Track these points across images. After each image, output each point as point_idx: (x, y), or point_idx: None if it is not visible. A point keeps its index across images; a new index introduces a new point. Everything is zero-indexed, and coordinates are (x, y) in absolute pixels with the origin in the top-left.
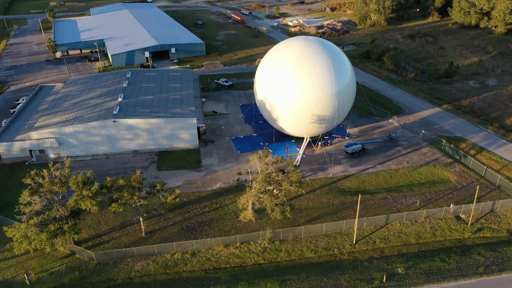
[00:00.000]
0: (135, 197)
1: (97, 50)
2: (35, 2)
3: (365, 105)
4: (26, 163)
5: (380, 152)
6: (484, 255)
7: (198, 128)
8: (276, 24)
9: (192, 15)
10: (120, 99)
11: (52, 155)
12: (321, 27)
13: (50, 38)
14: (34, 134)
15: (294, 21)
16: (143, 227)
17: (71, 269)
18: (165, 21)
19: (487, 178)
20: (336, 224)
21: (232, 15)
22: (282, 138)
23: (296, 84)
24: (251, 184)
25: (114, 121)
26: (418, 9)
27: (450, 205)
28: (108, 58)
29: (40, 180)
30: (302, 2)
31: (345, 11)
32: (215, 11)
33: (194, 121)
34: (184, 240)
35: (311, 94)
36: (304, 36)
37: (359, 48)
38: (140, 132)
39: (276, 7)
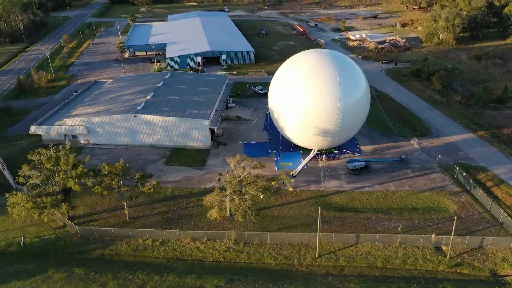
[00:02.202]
0: (113, 183)
1: (158, 53)
2: (127, 8)
3: (391, 124)
4: (60, 146)
5: (385, 172)
6: None
7: (213, 130)
8: (338, 37)
9: (259, 25)
10: (148, 97)
11: (82, 141)
12: (382, 42)
13: (121, 40)
14: (69, 121)
15: (357, 35)
16: (126, 212)
17: (59, 239)
18: (228, 29)
19: (492, 212)
20: (303, 235)
21: (296, 26)
22: (291, 148)
23: (301, 95)
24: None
25: (134, 116)
26: (498, 29)
27: (432, 234)
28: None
29: (40, 158)
30: (375, 17)
31: (416, 28)
32: (283, 22)
33: (206, 122)
34: (159, 229)
35: (314, 106)
36: (320, 49)
37: (413, 66)
38: (157, 128)
39: (342, 20)
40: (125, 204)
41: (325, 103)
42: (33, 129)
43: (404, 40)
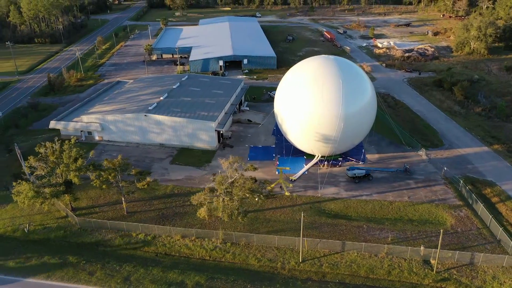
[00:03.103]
0: (110, 177)
1: (183, 56)
2: (163, 12)
3: (400, 133)
4: (77, 141)
5: (386, 182)
6: None
7: (220, 132)
8: (365, 44)
9: (288, 31)
10: (161, 98)
11: (97, 137)
12: (410, 51)
13: (149, 43)
14: (85, 118)
15: (384, 43)
16: (124, 206)
17: (59, 228)
18: (254, 34)
19: (491, 229)
20: (290, 239)
21: (324, 32)
22: (296, 153)
23: (303, 100)
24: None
25: (145, 115)
26: None
27: (421, 247)
28: None
29: (45, 151)
30: (408, 25)
31: (449, 36)
32: (313, 28)
33: (212, 124)
34: (152, 225)
35: (316, 112)
36: (326, 56)
37: (437, 76)
38: (166, 128)
39: (371, 27)
40: (123, 199)
41: (326, 109)
42: (52, 124)
43: (433, 49)
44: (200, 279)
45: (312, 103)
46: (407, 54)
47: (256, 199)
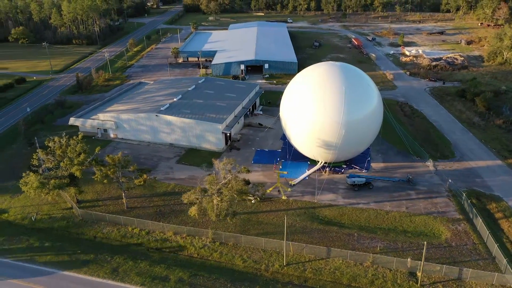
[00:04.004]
0: (109, 172)
1: (208, 59)
2: (198, 16)
3: (410, 143)
4: (93, 138)
5: (387, 191)
6: None
7: (229, 134)
8: (392, 52)
9: (317, 37)
10: (175, 99)
11: (112, 135)
12: (438, 59)
13: (176, 46)
14: (101, 116)
15: (412, 51)
16: (124, 201)
17: (63, 218)
18: (280, 39)
19: (488, 245)
20: (277, 242)
21: (352, 39)
22: (300, 158)
23: (305, 106)
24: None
25: (156, 115)
26: None
27: (408, 259)
28: None
29: (53, 145)
30: (441, 33)
31: (483, 46)
32: (342, 34)
33: (219, 126)
34: (147, 220)
35: (317, 118)
36: (333, 62)
37: (462, 86)
38: (175, 128)
39: (401, 35)
40: (123, 194)
41: (328, 116)
42: (72, 120)
43: (462, 58)
44: (183, 275)
45: (314, 109)
46: (434, 63)
47: (253, 201)
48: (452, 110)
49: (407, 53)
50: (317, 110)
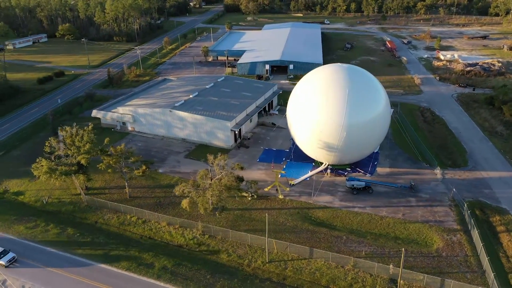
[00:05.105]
0: (111, 162)
1: (236, 58)
2: (237, 16)
3: (423, 149)
4: (112, 130)
5: (387, 197)
6: None
7: (239, 132)
8: (426, 56)
9: (351, 38)
10: (191, 96)
11: (129, 128)
12: (473, 65)
13: (205, 45)
14: (120, 109)
15: (447, 55)
16: (127, 191)
17: (71, 203)
18: (311, 41)
19: (480, 258)
20: (264, 239)
21: (386, 42)
22: (306, 159)
23: (308, 106)
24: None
25: (170, 111)
26: None
27: (390, 265)
28: None
29: (65, 133)
30: (484, 37)
31: None
32: (378, 37)
33: (228, 124)
34: (146, 210)
35: (319, 119)
36: (341, 64)
37: (492, 93)
38: (187, 124)
39: (438, 38)
40: (126, 184)
41: (329, 117)
42: (94, 113)
43: (500, 64)
44: (168, 263)
45: (316, 109)
46: (468, 68)
47: (249, 198)
48: (476, 118)
49: (442, 57)
50: (319, 110)
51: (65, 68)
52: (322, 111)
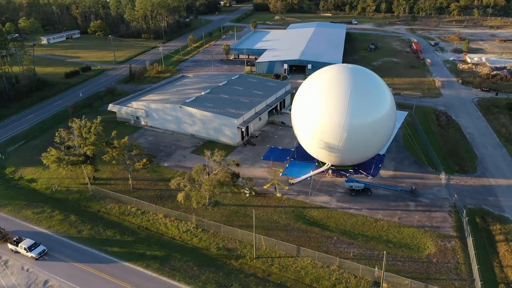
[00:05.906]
0: (114, 154)
1: (254, 57)
2: (265, 15)
3: (431, 154)
4: (126, 124)
5: (385, 200)
6: None
7: (243, 129)
8: (452, 58)
9: (377, 39)
10: (203, 93)
11: (142, 122)
12: (500, 69)
13: (226, 44)
14: (134, 104)
15: (474, 58)
16: (130, 182)
17: (78, 192)
18: (333, 41)
19: (472, 266)
20: (252, 235)
21: (413, 43)
22: (310, 159)
23: (310, 106)
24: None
25: (180, 107)
26: None
27: (375, 268)
28: None
29: (74, 125)
30: None
31: None
32: (405, 38)
33: (235, 121)
34: (145, 202)
35: (320, 119)
36: (346, 64)
37: None
38: (196, 120)
39: (466, 40)
40: (129, 176)
41: (330, 117)
42: (110, 107)
43: None
44: (159, 253)
45: (317, 109)
46: (494, 72)
47: (247, 194)
48: (494, 123)
49: (468, 60)
50: (321, 110)
51: (92, 63)
52: (324, 111)
